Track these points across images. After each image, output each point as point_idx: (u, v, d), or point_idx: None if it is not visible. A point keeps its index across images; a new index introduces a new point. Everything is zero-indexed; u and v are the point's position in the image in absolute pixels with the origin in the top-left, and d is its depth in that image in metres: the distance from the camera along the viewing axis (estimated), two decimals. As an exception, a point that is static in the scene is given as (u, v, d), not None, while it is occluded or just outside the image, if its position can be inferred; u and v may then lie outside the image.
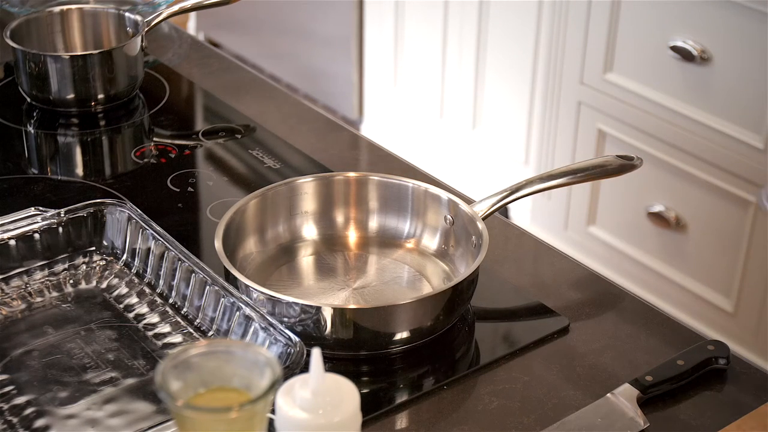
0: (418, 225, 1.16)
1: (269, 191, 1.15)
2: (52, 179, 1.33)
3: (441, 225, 1.14)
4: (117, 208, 1.12)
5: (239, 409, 0.71)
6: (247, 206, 1.12)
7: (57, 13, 1.53)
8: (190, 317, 1.04)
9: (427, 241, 1.15)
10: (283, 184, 1.16)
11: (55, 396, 0.95)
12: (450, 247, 1.13)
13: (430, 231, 1.15)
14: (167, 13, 1.55)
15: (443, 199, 1.14)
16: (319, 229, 1.17)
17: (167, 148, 1.39)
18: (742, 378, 1.00)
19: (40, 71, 1.43)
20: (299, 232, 1.16)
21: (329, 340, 0.98)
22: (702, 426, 0.94)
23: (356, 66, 3.14)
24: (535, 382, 0.99)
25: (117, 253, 1.12)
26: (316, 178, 1.17)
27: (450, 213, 1.13)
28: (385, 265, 1.13)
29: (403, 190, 1.16)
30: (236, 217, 1.10)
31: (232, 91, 1.55)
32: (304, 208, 1.16)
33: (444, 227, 1.14)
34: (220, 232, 1.06)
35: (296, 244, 1.16)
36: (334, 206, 1.17)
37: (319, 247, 1.16)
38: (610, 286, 1.15)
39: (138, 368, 0.98)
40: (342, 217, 1.17)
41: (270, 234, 1.15)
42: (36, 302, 1.07)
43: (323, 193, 1.17)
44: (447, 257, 1.13)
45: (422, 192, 1.15)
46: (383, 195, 1.17)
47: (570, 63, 2.40)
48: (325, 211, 1.17)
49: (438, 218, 1.14)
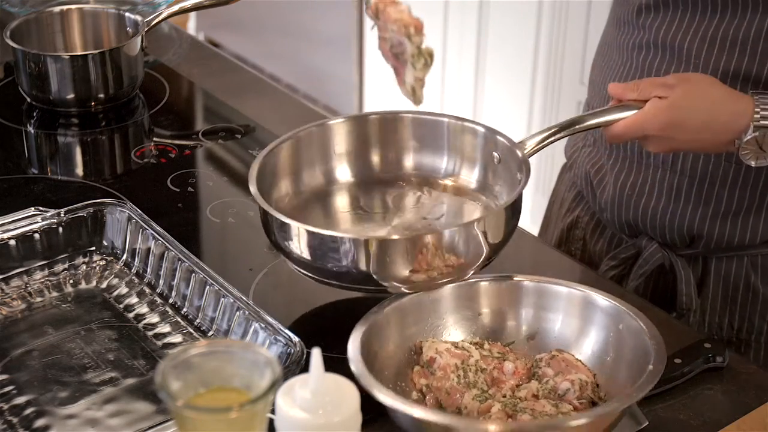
0: (456, 161, 1.13)
1: (302, 132, 1.12)
2: (52, 179, 1.33)
3: (479, 161, 1.11)
4: (117, 208, 1.12)
5: (239, 409, 0.71)
6: (280, 148, 1.09)
7: (57, 13, 1.53)
8: (190, 317, 1.04)
9: (466, 177, 1.13)
10: (315, 125, 1.13)
11: (55, 396, 0.95)
12: (492, 182, 1.10)
13: (468, 167, 1.13)
14: (167, 13, 1.55)
15: (480, 132, 1.11)
16: (354, 170, 1.14)
17: (167, 148, 1.39)
18: (742, 378, 1.00)
19: (40, 71, 1.43)
20: (333, 175, 1.14)
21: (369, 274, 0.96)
22: (702, 426, 0.94)
23: (356, 66, 3.14)
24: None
25: (117, 253, 1.12)
26: (349, 118, 1.14)
27: (497, 150, 1.09)
28: (423, 203, 1.11)
29: (439, 127, 1.13)
30: (269, 160, 1.08)
31: (232, 91, 1.55)
32: (338, 149, 1.14)
33: (487, 163, 1.11)
34: (254, 175, 1.03)
35: (331, 187, 1.14)
36: (368, 146, 1.14)
37: (355, 189, 1.13)
38: (609, 285, 1.15)
39: (138, 368, 0.98)
40: (377, 157, 1.15)
41: (305, 177, 1.12)
42: (36, 302, 1.07)
43: (356, 134, 1.14)
44: (488, 191, 1.11)
45: (459, 127, 1.13)
46: (418, 133, 1.14)
47: (570, 63, 2.40)
48: (359, 152, 1.14)
49: (475, 153, 1.11)
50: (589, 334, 0.97)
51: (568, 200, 1.36)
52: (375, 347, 0.94)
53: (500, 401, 0.91)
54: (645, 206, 1.20)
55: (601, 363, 0.96)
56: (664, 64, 1.15)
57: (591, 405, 0.93)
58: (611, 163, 1.24)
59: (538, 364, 0.96)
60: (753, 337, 1.22)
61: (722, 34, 1.11)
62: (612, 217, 1.24)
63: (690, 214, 1.18)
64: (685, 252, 1.21)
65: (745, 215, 1.17)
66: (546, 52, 2.47)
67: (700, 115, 1.05)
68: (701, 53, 1.12)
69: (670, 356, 0.98)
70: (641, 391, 0.86)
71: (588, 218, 1.31)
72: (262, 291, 1.12)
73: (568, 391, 0.92)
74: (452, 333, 1.00)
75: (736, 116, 1.04)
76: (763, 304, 1.20)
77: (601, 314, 0.97)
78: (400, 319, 0.97)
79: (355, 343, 0.91)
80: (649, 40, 1.17)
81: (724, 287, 1.21)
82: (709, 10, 1.12)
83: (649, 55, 1.17)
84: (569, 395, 0.92)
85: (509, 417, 0.89)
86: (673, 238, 1.20)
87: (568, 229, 1.34)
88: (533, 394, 0.92)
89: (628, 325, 0.94)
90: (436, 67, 3.29)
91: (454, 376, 0.93)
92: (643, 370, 0.89)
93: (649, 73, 1.17)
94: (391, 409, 0.87)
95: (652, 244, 1.21)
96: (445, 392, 0.93)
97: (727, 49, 1.11)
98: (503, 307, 1.00)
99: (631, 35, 1.20)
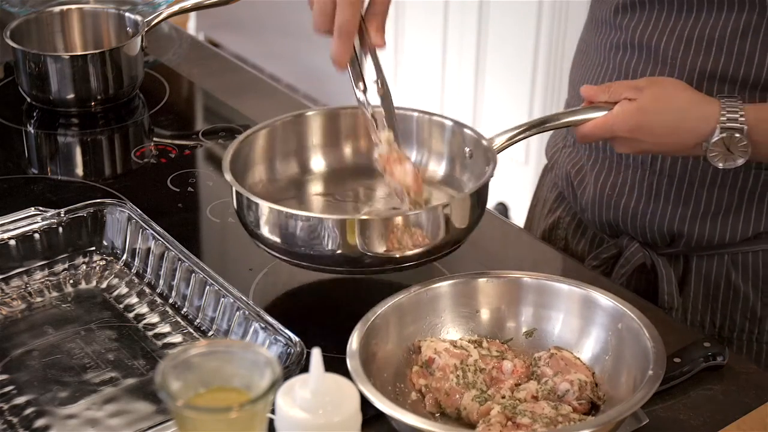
0: (423, 154, 1.15)
1: (277, 122, 1.14)
2: (52, 179, 1.33)
3: (446, 154, 1.13)
4: (117, 208, 1.12)
5: (239, 409, 0.71)
6: (256, 136, 1.12)
7: (57, 13, 1.53)
8: (190, 317, 1.04)
9: (434, 168, 1.15)
10: (291, 115, 1.15)
11: (55, 396, 0.95)
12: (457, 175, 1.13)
13: (435, 159, 1.14)
14: (167, 13, 1.55)
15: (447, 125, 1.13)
16: (327, 161, 1.16)
17: (167, 148, 1.39)
18: (742, 378, 1.00)
19: (40, 71, 1.43)
20: (308, 165, 1.16)
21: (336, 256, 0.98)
22: (701, 426, 0.94)
23: (356, 66, 3.14)
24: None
25: (117, 253, 1.12)
26: (324, 111, 1.17)
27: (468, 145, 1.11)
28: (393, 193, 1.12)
29: (407, 120, 1.15)
30: (244, 147, 1.10)
31: (232, 91, 1.55)
32: (313, 140, 1.16)
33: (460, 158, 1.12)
34: (228, 160, 1.06)
35: (305, 177, 1.15)
36: (341, 139, 1.16)
37: (328, 180, 1.15)
38: (606, 283, 1.15)
39: (138, 368, 0.98)
40: (350, 149, 1.17)
41: (279, 166, 1.14)
42: (36, 302, 1.07)
43: (330, 126, 1.16)
44: (455, 183, 1.13)
45: (426, 121, 1.14)
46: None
47: (570, 63, 2.40)
48: (333, 144, 1.16)
49: (442, 146, 1.13)
50: (589, 333, 0.97)
51: (550, 201, 1.37)
52: (374, 348, 0.94)
53: (500, 403, 0.91)
54: (625, 206, 1.21)
55: (600, 362, 0.96)
56: (640, 64, 1.16)
57: (590, 405, 0.93)
58: (591, 163, 1.24)
59: (537, 363, 0.96)
60: (735, 335, 1.22)
61: (698, 33, 1.12)
62: (593, 218, 1.25)
63: (670, 213, 1.18)
64: (666, 251, 1.21)
65: (725, 215, 1.17)
66: (546, 52, 2.47)
67: (667, 118, 1.06)
68: (678, 53, 1.13)
69: (670, 356, 0.98)
70: (642, 399, 0.86)
71: (569, 218, 1.32)
72: (262, 291, 1.12)
73: (568, 392, 0.92)
74: (450, 331, 1.00)
75: (702, 121, 1.05)
76: (744, 301, 1.21)
77: (601, 313, 0.97)
78: (398, 318, 0.97)
79: (352, 347, 0.91)
80: (626, 41, 1.17)
81: (705, 285, 1.22)
82: (684, 10, 1.12)
83: (626, 55, 1.17)
84: (568, 396, 0.92)
85: (509, 420, 0.89)
86: (654, 238, 1.21)
87: (550, 230, 1.35)
88: (533, 395, 0.92)
89: (627, 326, 0.94)
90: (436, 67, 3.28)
91: (453, 376, 0.93)
92: (643, 370, 0.89)
93: (626, 73, 1.17)
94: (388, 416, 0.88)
95: (633, 244, 1.22)
96: (444, 393, 0.93)
97: (703, 49, 1.12)
98: (502, 305, 1.00)
99: (608, 35, 1.20)
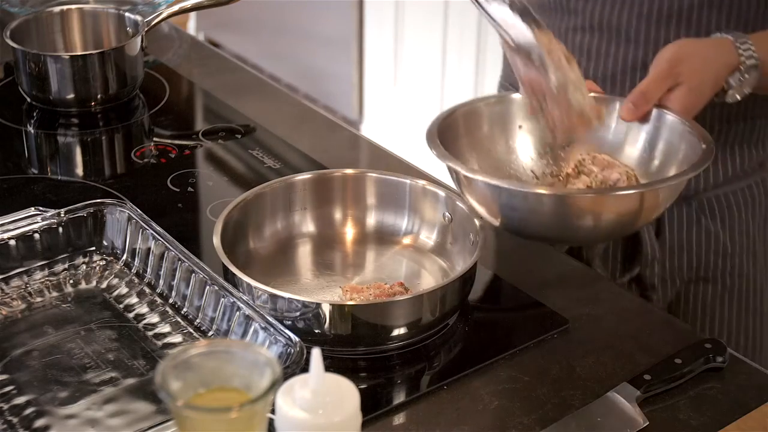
0: (415, 221, 1.16)
1: (266, 188, 1.15)
2: (52, 179, 1.33)
3: (439, 222, 1.14)
4: (117, 208, 1.12)
5: (239, 409, 0.71)
6: (245, 203, 1.12)
7: (57, 13, 1.54)
8: (190, 317, 1.04)
9: (425, 238, 1.15)
10: (280, 181, 1.16)
11: (55, 396, 0.95)
12: (448, 243, 1.13)
13: (427, 227, 1.15)
14: (167, 13, 1.55)
15: (441, 196, 1.14)
16: (317, 225, 1.17)
17: (167, 148, 1.39)
18: (742, 378, 1.00)
19: (40, 71, 1.43)
20: (297, 229, 1.16)
21: (328, 336, 0.98)
22: (702, 426, 0.94)
23: (356, 66, 3.14)
24: (535, 381, 0.99)
25: (117, 253, 1.12)
26: (314, 175, 1.17)
27: (448, 210, 1.13)
28: (383, 261, 1.13)
29: (400, 187, 1.16)
30: (234, 214, 1.10)
31: (232, 91, 1.55)
32: (302, 204, 1.16)
33: (442, 224, 1.14)
34: (219, 229, 1.06)
35: (294, 241, 1.16)
36: (331, 203, 1.17)
37: (317, 244, 1.16)
38: (609, 285, 1.16)
39: (138, 368, 0.98)
40: (340, 214, 1.17)
41: (268, 231, 1.15)
42: (36, 302, 1.07)
43: (320, 190, 1.17)
44: (445, 254, 1.13)
45: (420, 189, 1.15)
46: (380, 192, 1.17)
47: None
48: (322, 208, 1.17)
49: (436, 215, 1.14)
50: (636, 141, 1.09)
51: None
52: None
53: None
54: None
55: (645, 164, 1.08)
56: (603, 43, 1.17)
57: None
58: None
59: (583, 163, 1.06)
60: (710, 274, 1.29)
61: (657, 7, 1.13)
62: None
63: None
64: None
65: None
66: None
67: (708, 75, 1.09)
68: (641, 29, 1.15)
69: (671, 356, 0.99)
70: (702, 164, 0.99)
71: None
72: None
73: (619, 180, 1.03)
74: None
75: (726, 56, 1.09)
76: (716, 241, 1.28)
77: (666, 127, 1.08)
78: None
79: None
80: (584, 23, 1.18)
81: (678, 231, 1.29)
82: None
83: (586, 36, 1.18)
84: (620, 184, 1.03)
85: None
86: None
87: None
88: (587, 186, 1.04)
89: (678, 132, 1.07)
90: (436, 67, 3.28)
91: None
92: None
93: (590, 53, 1.19)
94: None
95: None
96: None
97: (664, 22, 1.13)
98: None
99: (562, 19, 1.21)
